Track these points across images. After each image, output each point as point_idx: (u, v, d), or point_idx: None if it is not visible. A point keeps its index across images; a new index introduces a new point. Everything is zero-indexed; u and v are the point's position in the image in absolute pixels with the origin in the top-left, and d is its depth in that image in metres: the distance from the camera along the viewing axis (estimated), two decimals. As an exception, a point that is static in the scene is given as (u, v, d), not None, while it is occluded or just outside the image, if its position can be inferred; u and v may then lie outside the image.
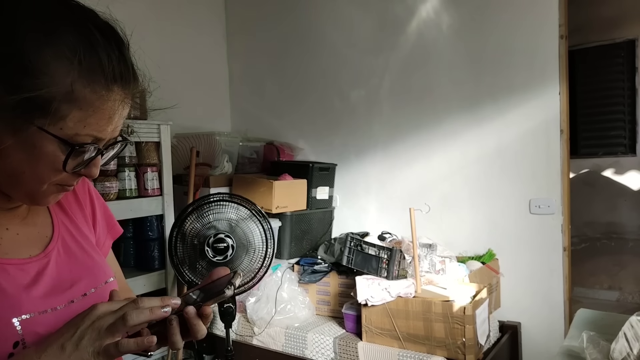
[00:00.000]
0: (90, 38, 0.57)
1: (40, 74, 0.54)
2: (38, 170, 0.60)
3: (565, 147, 2.19)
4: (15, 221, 0.69)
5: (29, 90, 0.54)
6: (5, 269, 0.63)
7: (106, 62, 0.57)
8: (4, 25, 0.53)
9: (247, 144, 2.92)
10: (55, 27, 0.55)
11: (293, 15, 2.99)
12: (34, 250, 0.69)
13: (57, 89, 0.55)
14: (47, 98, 0.55)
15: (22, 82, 0.54)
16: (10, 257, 0.65)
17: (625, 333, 1.25)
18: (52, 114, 0.56)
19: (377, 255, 2.10)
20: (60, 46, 0.55)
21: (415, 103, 2.57)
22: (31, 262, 0.67)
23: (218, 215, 1.96)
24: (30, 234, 0.70)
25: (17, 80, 0.54)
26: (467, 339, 1.78)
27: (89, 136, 0.60)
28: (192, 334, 0.63)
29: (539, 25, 2.20)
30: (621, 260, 4.13)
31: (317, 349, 2.10)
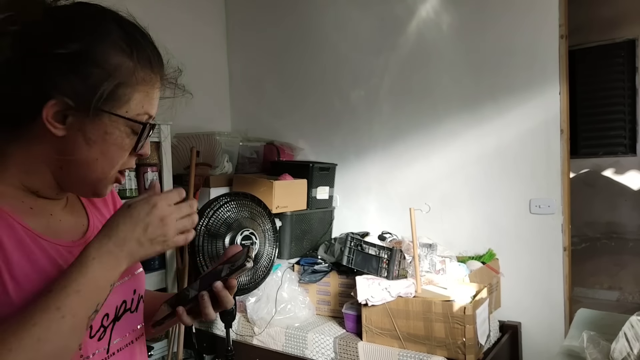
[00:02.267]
0: (134, 34, 0.67)
1: (107, 66, 0.63)
2: (109, 154, 0.67)
3: (565, 147, 2.19)
4: (57, 209, 0.74)
5: (100, 81, 0.62)
6: (58, 249, 0.68)
7: (150, 52, 0.68)
8: (72, 32, 0.62)
9: (247, 144, 2.92)
10: (109, 29, 0.64)
11: (293, 15, 2.99)
12: (74, 236, 0.74)
13: (121, 78, 0.64)
14: (115, 86, 0.64)
15: (94, 75, 0.62)
16: (58, 239, 0.70)
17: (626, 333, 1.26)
18: (119, 99, 0.65)
19: (377, 255, 2.10)
20: (118, 42, 0.64)
21: (415, 103, 2.57)
22: (75, 246, 0.71)
23: (218, 215, 1.97)
24: (70, 222, 0.75)
25: (89, 73, 0.62)
26: (467, 338, 1.78)
27: (145, 115, 0.69)
28: (222, 304, 0.74)
29: (539, 25, 2.20)
30: (621, 260, 4.13)
31: (317, 348, 2.10)
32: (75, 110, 0.63)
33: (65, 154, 0.66)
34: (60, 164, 0.67)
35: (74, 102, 0.62)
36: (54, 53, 0.60)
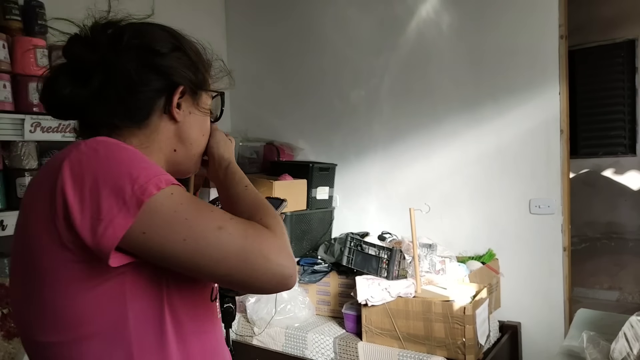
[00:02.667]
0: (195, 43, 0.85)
1: (194, 57, 0.82)
2: (205, 128, 0.86)
3: (565, 147, 2.19)
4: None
5: (195, 68, 0.81)
6: None
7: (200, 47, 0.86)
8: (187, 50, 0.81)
9: (247, 144, 2.92)
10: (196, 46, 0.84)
11: (293, 15, 2.99)
12: None
13: (201, 64, 0.83)
14: (205, 74, 0.84)
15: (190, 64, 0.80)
16: None
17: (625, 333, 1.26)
18: (205, 81, 0.83)
19: (377, 255, 2.10)
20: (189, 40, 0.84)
21: (415, 103, 2.57)
22: None
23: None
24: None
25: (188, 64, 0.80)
26: (467, 339, 1.78)
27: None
28: None
29: (539, 25, 2.20)
30: (621, 260, 4.13)
31: (317, 349, 2.10)
32: (188, 95, 0.79)
33: (181, 137, 0.80)
34: (174, 147, 0.80)
35: (189, 87, 0.79)
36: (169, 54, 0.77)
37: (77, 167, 0.62)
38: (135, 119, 0.75)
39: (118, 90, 0.73)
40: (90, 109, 0.74)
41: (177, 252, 0.63)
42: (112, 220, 0.60)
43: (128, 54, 0.74)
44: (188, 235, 0.63)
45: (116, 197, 0.61)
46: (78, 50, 0.75)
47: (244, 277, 0.65)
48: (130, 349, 0.66)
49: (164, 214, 0.63)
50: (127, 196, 0.61)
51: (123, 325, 0.65)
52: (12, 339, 1.53)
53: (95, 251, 0.61)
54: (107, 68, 0.73)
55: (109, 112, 0.74)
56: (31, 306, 0.67)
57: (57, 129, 1.83)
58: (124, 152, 0.66)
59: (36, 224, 0.65)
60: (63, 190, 0.61)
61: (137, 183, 0.62)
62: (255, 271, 0.65)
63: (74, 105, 0.75)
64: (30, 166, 1.78)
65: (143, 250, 0.63)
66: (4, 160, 1.76)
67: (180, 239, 0.63)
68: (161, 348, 0.68)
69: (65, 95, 0.74)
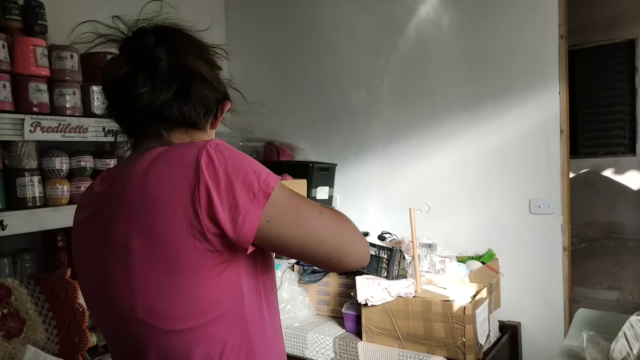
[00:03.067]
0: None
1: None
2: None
3: (565, 147, 2.19)
4: None
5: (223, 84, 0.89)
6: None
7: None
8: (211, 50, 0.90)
9: (247, 144, 2.91)
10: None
11: (293, 15, 2.99)
12: None
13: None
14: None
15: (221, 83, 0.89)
16: None
17: (625, 333, 1.26)
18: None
19: (377, 255, 2.10)
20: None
21: (415, 103, 2.57)
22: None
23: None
24: None
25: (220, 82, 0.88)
26: (467, 338, 1.78)
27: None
28: None
29: (539, 25, 2.20)
30: (621, 260, 4.13)
31: (317, 348, 2.11)
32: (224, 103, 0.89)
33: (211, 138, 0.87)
34: None
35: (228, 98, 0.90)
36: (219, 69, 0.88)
37: (212, 167, 0.69)
38: (206, 122, 0.85)
39: (199, 94, 0.81)
40: (169, 106, 0.79)
41: (293, 235, 0.73)
42: (249, 211, 0.70)
43: (202, 63, 0.83)
44: (301, 220, 0.74)
45: (247, 191, 0.70)
46: (154, 49, 0.79)
47: (341, 254, 0.76)
48: (246, 323, 0.76)
49: (281, 203, 0.73)
50: (255, 190, 0.70)
51: (241, 303, 0.75)
52: (12, 339, 1.53)
53: (235, 240, 0.70)
54: (184, 71, 0.80)
55: (192, 111, 0.81)
56: (166, 298, 0.71)
57: (57, 129, 1.83)
58: (238, 153, 0.74)
59: (172, 218, 0.69)
60: (207, 187, 0.68)
61: (261, 178, 0.71)
62: (349, 247, 0.77)
63: (151, 102, 0.78)
64: (30, 166, 1.78)
65: (266, 236, 0.72)
66: (4, 160, 1.76)
67: (294, 224, 0.73)
68: (262, 320, 0.80)
69: (144, 92, 0.77)
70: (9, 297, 1.57)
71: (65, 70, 1.88)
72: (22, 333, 1.56)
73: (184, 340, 0.72)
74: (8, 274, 1.84)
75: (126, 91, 0.78)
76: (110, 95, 0.82)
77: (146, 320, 0.73)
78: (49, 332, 1.63)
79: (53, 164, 1.85)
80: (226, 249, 0.71)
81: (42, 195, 1.83)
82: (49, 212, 1.82)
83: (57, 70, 1.87)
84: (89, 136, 1.93)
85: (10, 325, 1.54)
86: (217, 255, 0.71)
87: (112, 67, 0.79)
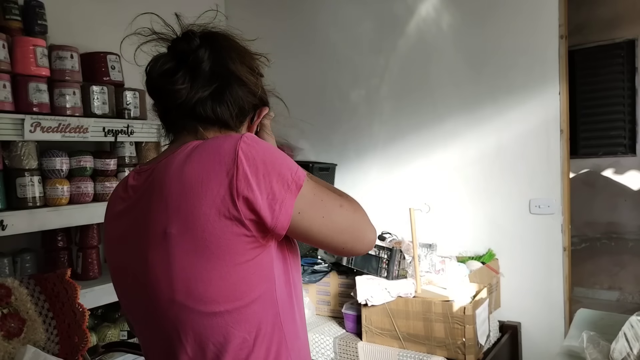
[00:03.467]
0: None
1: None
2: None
3: (565, 147, 2.19)
4: None
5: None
6: None
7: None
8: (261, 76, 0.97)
9: (247, 144, 2.91)
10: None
11: (293, 15, 2.99)
12: None
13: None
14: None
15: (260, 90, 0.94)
16: None
17: (625, 333, 1.26)
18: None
19: (377, 255, 2.10)
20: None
21: (415, 103, 2.57)
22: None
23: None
24: None
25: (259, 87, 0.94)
26: (467, 339, 1.78)
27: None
28: None
29: (539, 25, 2.20)
30: (621, 260, 4.13)
31: (317, 349, 2.10)
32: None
33: None
34: None
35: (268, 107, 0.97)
36: (260, 77, 0.96)
37: (250, 157, 0.73)
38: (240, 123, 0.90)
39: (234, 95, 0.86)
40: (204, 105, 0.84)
41: (318, 226, 0.79)
42: (284, 200, 0.74)
43: (242, 67, 0.89)
44: (325, 213, 0.80)
45: (282, 182, 0.74)
46: (198, 50, 0.85)
47: (354, 243, 0.84)
48: (278, 308, 0.80)
49: (309, 197, 0.77)
50: (289, 181, 0.75)
51: (273, 288, 0.79)
52: (12, 339, 1.53)
53: (273, 227, 0.74)
54: (223, 73, 0.85)
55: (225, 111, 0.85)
56: (205, 281, 0.74)
57: (57, 129, 1.83)
58: (271, 147, 0.79)
59: (210, 205, 0.72)
60: (246, 175, 0.72)
61: (293, 170, 0.76)
62: (361, 236, 0.84)
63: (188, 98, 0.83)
64: (30, 166, 1.78)
65: (296, 226, 0.77)
66: (4, 160, 1.76)
67: (320, 216, 0.79)
68: (291, 306, 0.84)
69: (183, 88, 0.82)
70: (9, 297, 1.57)
71: (65, 70, 1.88)
72: (22, 333, 1.56)
73: (221, 323, 0.75)
74: (8, 274, 1.84)
75: (166, 85, 0.83)
76: (151, 88, 0.86)
77: (186, 304, 0.75)
78: (49, 332, 1.63)
79: (53, 164, 1.85)
80: (261, 235, 0.75)
81: (42, 195, 1.83)
82: (49, 212, 1.82)
83: (57, 70, 1.87)
84: (89, 136, 1.93)
85: (10, 325, 1.54)
86: (252, 241, 0.74)
87: (156, 62, 0.85)
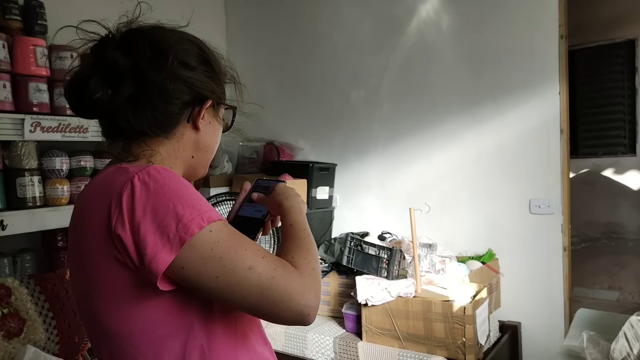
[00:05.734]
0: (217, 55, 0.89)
1: (219, 71, 0.87)
2: (218, 136, 0.90)
3: (565, 147, 2.19)
4: None
5: (219, 81, 0.86)
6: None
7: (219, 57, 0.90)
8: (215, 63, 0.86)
9: (247, 144, 2.91)
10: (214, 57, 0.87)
11: (293, 15, 2.99)
12: None
13: (222, 77, 0.88)
14: (224, 85, 0.88)
15: (216, 78, 0.86)
16: None
17: (625, 333, 1.26)
18: (224, 93, 0.89)
19: (377, 255, 2.10)
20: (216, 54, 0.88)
21: (415, 103, 2.57)
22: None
23: (218, 215, 1.97)
24: None
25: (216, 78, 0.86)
26: (467, 339, 1.78)
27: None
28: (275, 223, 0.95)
29: (539, 25, 2.20)
30: (621, 260, 4.13)
31: (317, 348, 2.10)
32: (212, 107, 0.85)
33: (199, 144, 0.85)
34: (192, 154, 0.85)
35: (215, 100, 0.84)
36: (198, 68, 0.82)
37: (131, 202, 0.68)
38: (165, 129, 0.80)
39: (152, 100, 0.77)
40: (121, 114, 0.77)
41: (210, 287, 0.69)
42: (156, 256, 0.67)
43: (162, 66, 0.77)
44: (221, 273, 0.69)
45: (162, 234, 0.67)
46: (111, 53, 0.77)
47: (267, 312, 0.71)
48: (202, 346, 0.74)
49: (202, 252, 0.68)
50: (171, 234, 0.67)
51: (191, 326, 0.74)
52: (12, 339, 1.53)
53: (145, 278, 0.69)
54: (140, 76, 0.76)
55: (141, 120, 0.78)
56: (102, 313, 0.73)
57: (57, 129, 1.83)
58: (173, 185, 0.71)
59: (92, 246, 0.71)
60: (123, 222, 0.67)
61: (182, 222, 0.67)
62: (277, 308, 0.70)
63: (105, 108, 0.78)
64: (30, 166, 1.78)
65: (182, 281, 0.69)
66: (4, 160, 1.76)
67: (213, 277, 0.68)
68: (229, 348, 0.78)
69: (97, 98, 0.77)
70: (9, 297, 1.57)
71: (65, 70, 1.88)
72: (22, 333, 1.56)
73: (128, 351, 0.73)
74: (8, 274, 1.84)
75: (80, 96, 0.78)
76: (69, 102, 0.81)
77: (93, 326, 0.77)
78: (49, 332, 1.63)
79: (53, 164, 1.85)
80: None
81: (42, 195, 1.83)
82: (49, 212, 1.82)
83: (57, 70, 1.88)
84: (89, 136, 1.93)
85: (10, 325, 1.54)
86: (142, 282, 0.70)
87: (72, 74, 0.79)
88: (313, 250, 0.81)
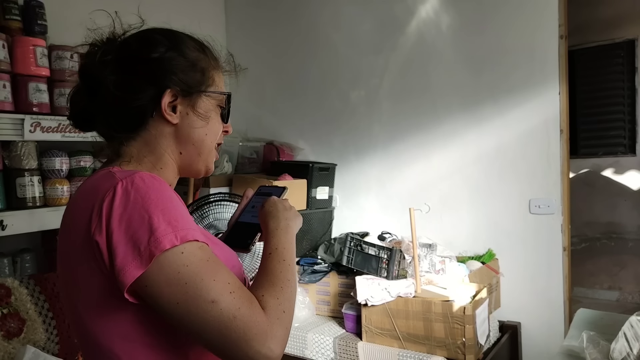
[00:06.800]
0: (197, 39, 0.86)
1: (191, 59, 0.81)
2: (213, 128, 0.85)
3: (565, 147, 2.19)
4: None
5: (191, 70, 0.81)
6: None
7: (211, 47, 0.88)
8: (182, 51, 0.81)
9: (247, 144, 2.91)
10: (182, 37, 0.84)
11: (293, 15, 2.99)
12: None
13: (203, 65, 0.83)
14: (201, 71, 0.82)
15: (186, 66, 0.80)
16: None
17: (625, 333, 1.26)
18: (206, 82, 0.83)
19: (377, 255, 2.10)
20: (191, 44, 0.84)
21: (415, 103, 2.57)
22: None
23: (218, 215, 1.96)
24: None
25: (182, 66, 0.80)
26: (467, 338, 1.78)
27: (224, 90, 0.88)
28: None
29: (539, 25, 2.20)
30: (621, 260, 4.13)
31: (317, 349, 2.10)
32: (182, 97, 0.80)
33: (182, 139, 0.82)
34: (180, 150, 0.83)
35: (181, 89, 0.79)
36: (155, 57, 0.78)
37: (109, 210, 0.67)
38: (129, 127, 0.79)
39: (108, 103, 0.78)
40: (97, 121, 0.82)
41: (170, 311, 0.66)
42: (124, 267, 0.65)
43: (110, 66, 0.77)
44: (182, 300, 0.65)
45: (133, 246, 0.66)
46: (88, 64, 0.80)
47: (222, 351, 0.67)
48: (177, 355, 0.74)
49: (168, 272, 0.66)
50: (142, 247, 0.65)
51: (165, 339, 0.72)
52: (12, 339, 1.53)
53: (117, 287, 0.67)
54: (100, 82, 0.77)
55: (106, 124, 0.80)
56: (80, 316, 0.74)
57: (57, 129, 1.83)
58: (154, 196, 0.69)
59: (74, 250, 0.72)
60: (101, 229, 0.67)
61: (154, 235, 0.65)
62: (231, 351, 0.66)
63: (88, 117, 0.82)
64: (30, 166, 1.78)
65: (145, 297, 0.67)
66: (4, 160, 1.76)
67: (174, 302, 0.65)
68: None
69: (81, 108, 0.82)
70: (9, 297, 1.57)
71: (65, 70, 1.88)
72: (22, 333, 1.56)
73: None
74: (8, 274, 1.84)
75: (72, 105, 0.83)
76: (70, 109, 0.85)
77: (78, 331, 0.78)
78: (49, 332, 1.63)
79: (53, 164, 1.86)
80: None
81: (42, 195, 1.83)
82: (49, 212, 1.82)
83: (57, 70, 1.88)
84: (89, 136, 1.92)
85: (10, 325, 1.54)
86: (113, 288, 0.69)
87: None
88: (288, 288, 0.75)
